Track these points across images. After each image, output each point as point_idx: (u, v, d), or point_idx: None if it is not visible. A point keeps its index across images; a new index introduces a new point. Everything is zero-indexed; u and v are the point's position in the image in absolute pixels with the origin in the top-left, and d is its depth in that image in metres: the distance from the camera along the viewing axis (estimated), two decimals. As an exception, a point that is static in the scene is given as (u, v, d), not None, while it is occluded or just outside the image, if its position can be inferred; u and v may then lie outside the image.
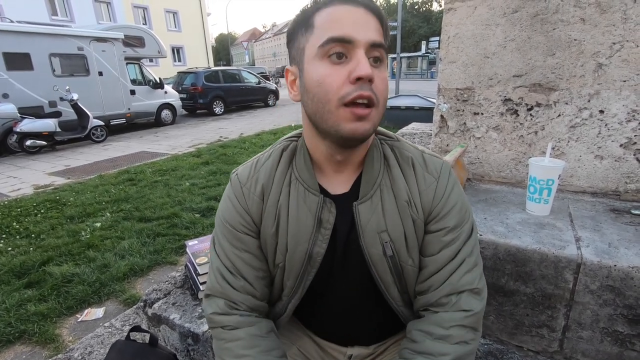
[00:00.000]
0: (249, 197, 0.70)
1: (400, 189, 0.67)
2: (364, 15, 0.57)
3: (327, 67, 0.56)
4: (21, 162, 6.22)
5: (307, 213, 0.67)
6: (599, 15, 1.20)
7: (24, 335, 1.88)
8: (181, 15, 25.92)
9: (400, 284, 0.71)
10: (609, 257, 0.94)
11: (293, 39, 0.63)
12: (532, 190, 1.20)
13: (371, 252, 0.67)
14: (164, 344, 1.35)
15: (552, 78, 1.32)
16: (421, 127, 3.76)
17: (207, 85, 11.26)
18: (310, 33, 0.58)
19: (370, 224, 0.66)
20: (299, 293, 0.73)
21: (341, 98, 0.56)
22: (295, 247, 0.68)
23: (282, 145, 0.73)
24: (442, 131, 1.61)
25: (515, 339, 1.12)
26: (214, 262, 0.74)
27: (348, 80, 0.55)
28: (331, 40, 0.55)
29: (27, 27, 7.22)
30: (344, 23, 0.56)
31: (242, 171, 0.73)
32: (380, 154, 0.69)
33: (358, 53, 0.55)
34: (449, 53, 1.50)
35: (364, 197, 0.67)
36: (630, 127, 1.24)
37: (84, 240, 2.94)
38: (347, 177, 0.69)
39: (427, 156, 0.70)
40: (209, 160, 5.52)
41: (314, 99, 0.58)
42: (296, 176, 0.69)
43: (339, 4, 0.57)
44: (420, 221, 0.68)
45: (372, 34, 0.56)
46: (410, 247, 0.68)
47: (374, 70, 0.56)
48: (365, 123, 0.57)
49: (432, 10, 41.65)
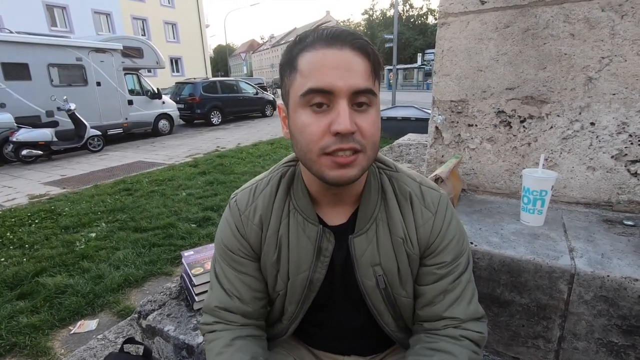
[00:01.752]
0: (247, 225, 0.71)
1: (396, 224, 0.67)
2: (349, 58, 0.54)
3: (309, 116, 0.55)
4: (16, 171, 6.18)
5: (307, 242, 0.68)
6: (588, 30, 1.24)
7: (15, 348, 1.84)
8: (180, 26, 26.24)
9: (395, 312, 0.72)
10: (602, 268, 0.95)
11: (282, 76, 0.61)
12: (526, 201, 1.22)
13: (365, 284, 0.69)
14: (158, 356, 1.33)
15: (544, 91, 1.34)
16: (417, 137, 3.80)
17: (204, 95, 11.33)
18: (295, 77, 0.57)
19: (365, 257, 0.67)
20: (300, 316, 0.75)
21: (322, 148, 0.55)
22: (296, 274, 0.70)
23: (280, 171, 0.73)
24: (437, 142, 1.63)
25: (512, 350, 1.12)
26: (212, 281, 0.75)
27: (329, 131, 0.54)
28: (311, 91, 0.54)
29: (26, 38, 7.26)
30: (325, 71, 0.53)
31: (240, 198, 0.73)
32: (378, 185, 0.69)
33: (339, 103, 0.53)
34: (443, 66, 1.53)
35: (360, 230, 0.67)
36: (621, 139, 1.27)
37: (78, 250, 2.91)
38: (344, 209, 0.69)
39: (425, 189, 0.70)
40: (206, 170, 5.53)
41: (298, 145, 0.58)
42: (294, 205, 0.69)
43: (322, 47, 0.54)
44: (416, 256, 0.68)
45: (356, 80, 0.54)
46: (404, 280, 0.69)
47: (358, 116, 0.55)
48: (350, 170, 0.56)
49: (427, 23, 42.41)
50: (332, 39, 0.54)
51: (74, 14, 18.16)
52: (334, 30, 0.56)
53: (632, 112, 1.23)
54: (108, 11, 19.93)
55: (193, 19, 27.21)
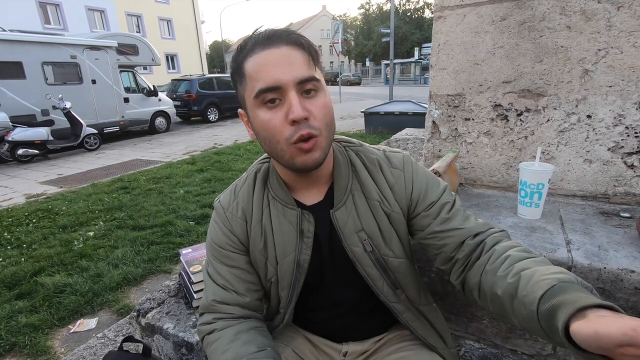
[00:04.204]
0: (233, 220, 0.76)
1: (370, 190, 0.73)
2: (287, 53, 0.59)
3: (266, 113, 0.60)
4: (13, 171, 6.15)
5: (289, 226, 0.73)
6: (584, 22, 1.23)
7: (15, 347, 1.84)
8: (175, 23, 25.98)
9: (389, 278, 0.75)
10: (599, 260, 0.95)
11: (234, 85, 0.66)
12: (523, 195, 1.22)
13: (354, 250, 0.73)
14: (157, 354, 1.33)
15: (541, 84, 1.34)
16: (414, 132, 3.79)
17: (201, 92, 11.27)
18: (245, 83, 0.62)
19: (348, 227, 0.72)
20: (293, 301, 0.78)
21: (287, 138, 0.60)
22: (283, 257, 0.74)
23: (255, 168, 0.79)
24: (434, 137, 1.63)
25: (510, 343, 1.12)
26: (206, 282, 0.78)
27: (287, 121, 0.59)
28: (261, 91, 0.59)
29: (19, 36, 7.20)
30: (269, 69, 0.58)
31: (223, 198, 0.80)
32: (347, 160, 0.75)
33: (289, 95, 0.58)
34: (439, 60, 1.53)
35: (338, 204, 0.73)
36: (617, 132, 1.27)
37: (76, 249, 2.90)
38: (318, 189, 0.75)
39: (389, 153, 0.77)
40: (203, 168, 5.51)
41: (265, 141, 0.63)
42: (273, 195, 0.75)
43: (261, 50, 0.59)
44: (397, 214, 0.74)
45: (298, 71, 0.59)
46: (387, 239, 0.74)
47: (308, 102, 0.60)
48: (313, 153, 0.62)
49: (424, 17, 42.21)
50: (269, 39, 0.60)
51: (68, 11, 17.95)
52: (268, 32, 0.61)
53: (628, 104, 1.23)
54: (102, 8, 19.73)
55: (188, 14, 26.94)
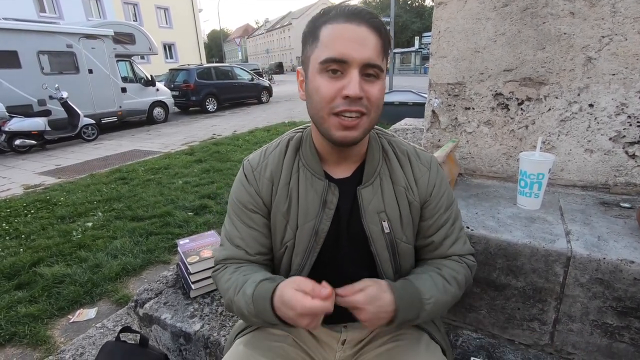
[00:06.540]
0: (260, 180, 0.79)
1: (398, 176, 0.79)
2: (364, 33, 0.62)
3: (325, 79, 0.64)
4: (10, 161, 6.12)
5: (314, 195, 0.76)
6: (588, 8, 1.20)
7: (15, 337, 1.85)
8: (172, 11, 25.58)
9: (395, 262, 0.79)
10: (598, 250, 0.95)
11: (304, 44, 0.69)
12: (522, 185, 1.20)
13: (371, 229, 0.76)
14: (155, 344, 1.34)
15: (542, 72, 1.32)
16: (414, 122, 3.76)
17: (199, 82, 11.15)
18: (316, 46, 0.65)
19: (372, 206, 0.76)
20: (305, 269, 0.79)
21: (332, 108, 0.64)
22: (304, 223, 0.77)
23: (288, 136, 0.83)
24: (433, 126, 1.61)
25: (507, 333, 1.13)
26: (222, 239, 0.83)
27: (340, 94, 0.63)
28: (329, 60, 0.62)
29: (14, 25, 7.08)
30: (343, 42, 0.62)
31: (252, 157, 0.83)
32: (379, 146, 0.80)
33: (352, 72, 0.62)
34: (439, 48, 1.50)
35: (366, 182, 0.77)
36: (619, 121, 1.25)
37: (75, 240, 2.90)
38: (348, 166, 0.79)
39: (419, 150, 0.84)
40: (202, 158, 5.49)
41: (312, 104, 0.68)
42: (304, 163, 0.78)
43: (343, 22, 0.63)
44: (417, 203, 0.79)
45: (368, 53, 0.62)
46: (405, 225, 0.78)
47: (366, 85, 0.64)
48: (353, 131, 0.66)
49: (425, 5, 41.58)
50: (352, 15, 0.63)
51: (63, -2, 17.63)
52: (354, 8, 0.64)
53: (631, 92, 1.21)
54: (98, -4, 19.38)
55: (185, 3, 26.48)
